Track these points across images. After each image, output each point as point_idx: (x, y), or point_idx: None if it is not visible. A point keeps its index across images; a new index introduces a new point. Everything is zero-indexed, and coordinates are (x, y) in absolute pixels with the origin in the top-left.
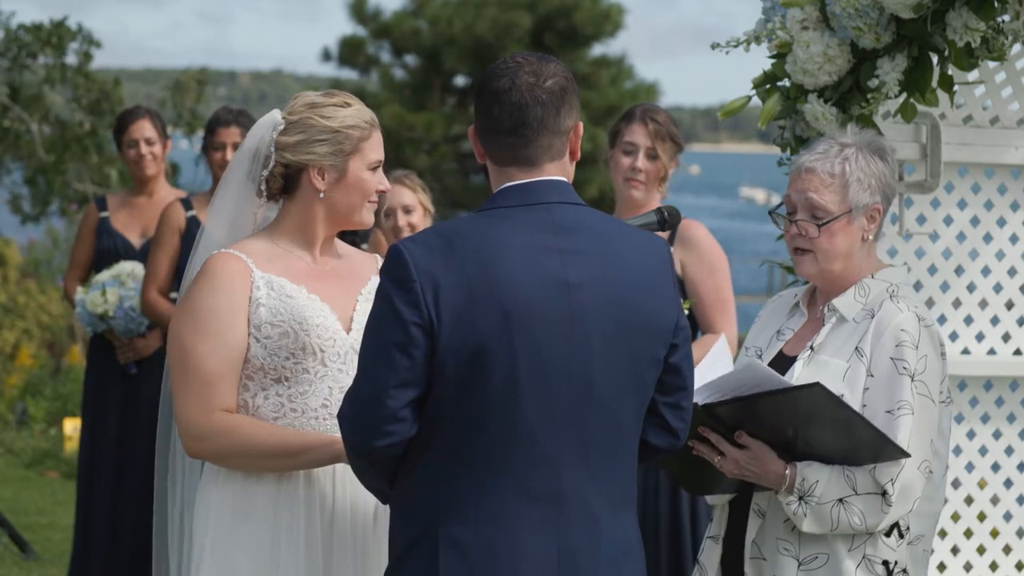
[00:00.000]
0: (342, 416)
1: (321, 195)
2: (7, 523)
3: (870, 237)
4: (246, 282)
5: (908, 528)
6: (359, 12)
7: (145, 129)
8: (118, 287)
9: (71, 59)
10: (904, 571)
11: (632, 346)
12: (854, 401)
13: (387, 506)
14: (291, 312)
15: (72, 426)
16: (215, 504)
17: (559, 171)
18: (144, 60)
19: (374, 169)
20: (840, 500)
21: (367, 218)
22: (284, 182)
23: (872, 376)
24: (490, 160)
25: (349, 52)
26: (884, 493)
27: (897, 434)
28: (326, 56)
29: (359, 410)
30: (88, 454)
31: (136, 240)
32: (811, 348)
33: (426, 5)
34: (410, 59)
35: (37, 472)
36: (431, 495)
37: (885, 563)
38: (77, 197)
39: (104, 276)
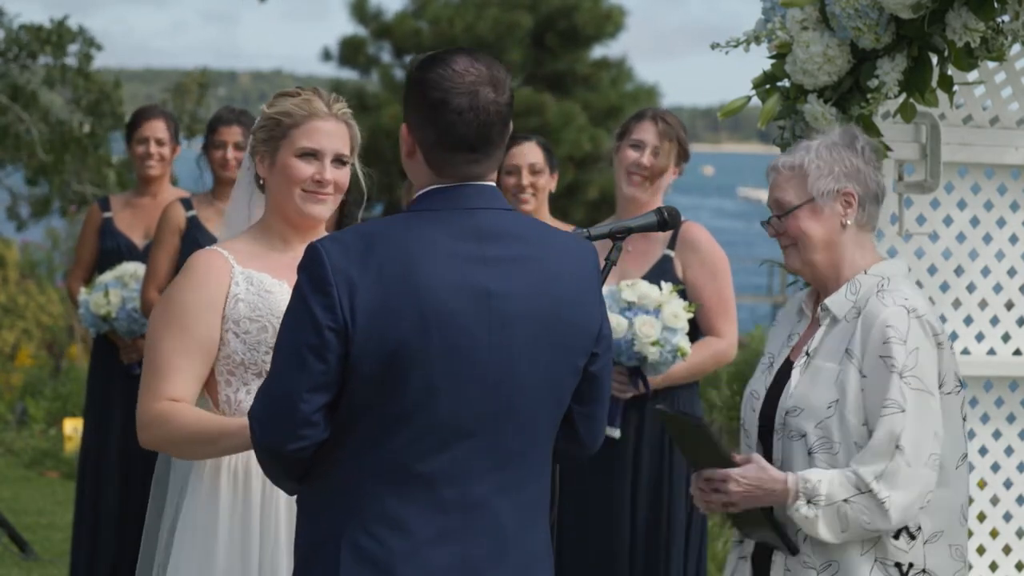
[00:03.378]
0: (253, 416)
1: (261, 182)
2: (7, 523)
3: (848, 222)
4: (224, 278)
5: (919, 528)
6: (360, 12)
7: (158, 129)
8: (121, 288)
9: (71, 60)
10: (924, 571)
11: (553, 357)
12: (849, 404)
13: None
14: (269, 307)
15: (72, 426)
16: (186, 515)
17: (491, 177)
18: (148, 60)
19: (303, 156)
20: (846, 500)
21: (306, 209)
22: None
23: (865, 377)
24: (430, 166)
25: (350, 52)
26: (869, 490)
27: (877, 432)
28: (326, 56)
29: (271, 412)
30: (93, 455)
31: (139, 241)
32: (807, 354)
33: (427, 6)
34: (411, 59)
35: (37, 472)
36: (338, 499)
37: (898, 565)
38: (77, 198)
39: (107, 277)
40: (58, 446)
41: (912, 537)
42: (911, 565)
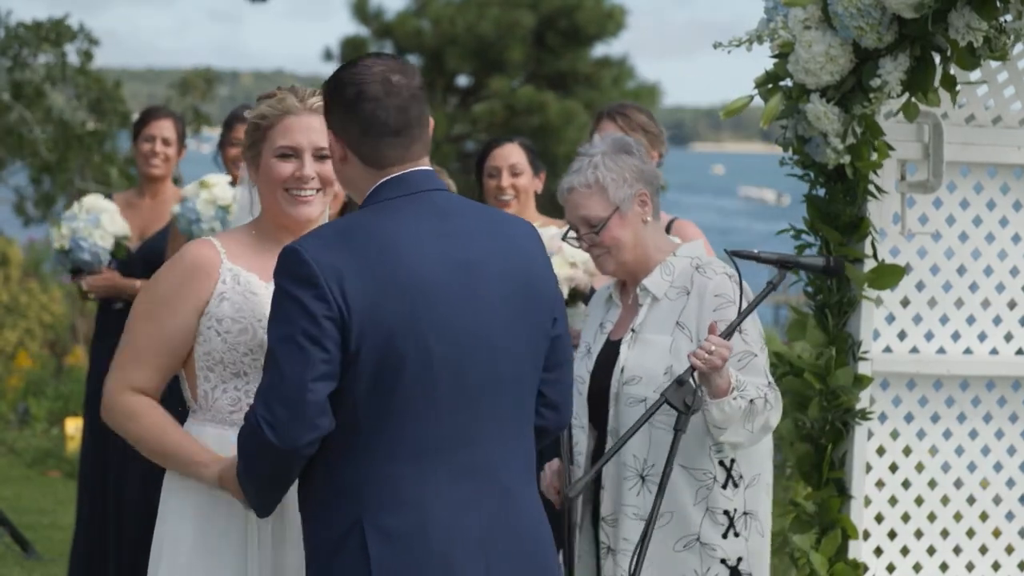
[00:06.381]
0: (262, 420)
1: (255, 188)
2: (9, 523)
3: (649, 219)
4: (212, 273)
5: (741, 476)
6: (361, 12)
7: (166, 128)
8: (72, 221)
9: (72, 58)
10: (746, 514)
11: (529, 319)
12: (681, 369)
13: None
14: (252, 309)
15: (74, 426)
16: (175, 511)
17: (427, 161)
18: (152, 59)
19: (282, 156)
20: (751, 401)
21: (290, 211)
22: None
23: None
24: (364, 162)
25: (351, 52)
26: (765, 394)
27: (756, 380)
28: (328, 56)
29: (283, 409)
30: (93, 454)
31: (135, 241)
32: (632, 331)
33: (428, 5)
34: (412, 59)
35: (39, 472)
36: (351, 488)
37: (726, 512)
38: (79, 197)
39: (68, 212)
40: (60, 445)
41: (736, 484)
42: (735, 510)
